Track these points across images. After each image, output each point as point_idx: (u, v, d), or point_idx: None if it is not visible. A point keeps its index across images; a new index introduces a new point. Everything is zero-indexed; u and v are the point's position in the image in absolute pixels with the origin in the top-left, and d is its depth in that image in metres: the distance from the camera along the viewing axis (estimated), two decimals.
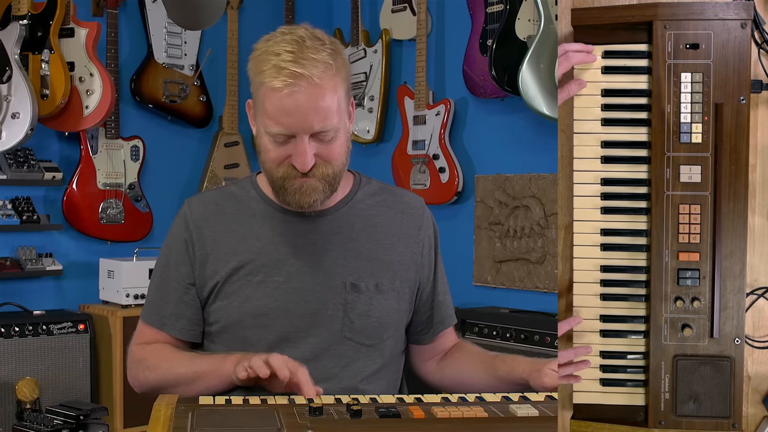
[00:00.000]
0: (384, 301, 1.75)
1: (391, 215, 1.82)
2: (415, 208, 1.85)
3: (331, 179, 1.68)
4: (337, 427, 1.32)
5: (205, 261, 1.74)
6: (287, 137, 1.63)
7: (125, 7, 3.89)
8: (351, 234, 1.77)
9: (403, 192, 1.88)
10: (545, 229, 3.53)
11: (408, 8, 4.02)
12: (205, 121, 4.12)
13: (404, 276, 1.79)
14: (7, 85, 3.29)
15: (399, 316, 1.79)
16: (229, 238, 1.75)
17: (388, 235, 1.79)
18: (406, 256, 1.80)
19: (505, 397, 1.51)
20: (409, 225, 1.82)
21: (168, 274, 1.79)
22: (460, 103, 3.85)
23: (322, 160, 1.65)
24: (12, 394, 3.27)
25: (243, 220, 1.76)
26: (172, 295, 1.77)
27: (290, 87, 1.58)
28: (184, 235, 1.77)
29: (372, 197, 1.82)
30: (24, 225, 3.55)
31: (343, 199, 1.79)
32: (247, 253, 1.73)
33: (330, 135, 1.64)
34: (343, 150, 1.68)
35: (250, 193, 1.79)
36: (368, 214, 1.80)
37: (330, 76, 1.61)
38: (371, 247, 1.77)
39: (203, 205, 1.79)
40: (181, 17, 3.43)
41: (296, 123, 1.60)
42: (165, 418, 1.33)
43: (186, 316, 1.77)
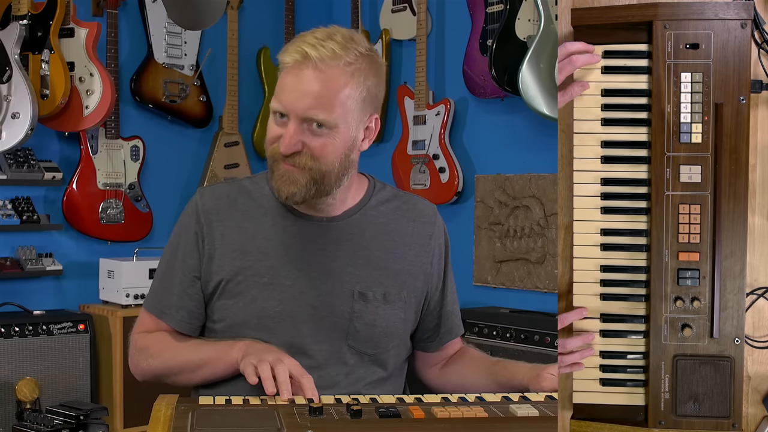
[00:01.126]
0: (391, 312, 1.74)
1: (403, 223, 1.79)
2: (428, 216, 1.82)
3: (317, 177, 1.63)
4: (337, 427, 1.32)
5: (213, 255, 1.72)
6: (283, 117, 1.62)
7: (125, 7, 3.89)
8: (361, 241, 1.74)
9: (416, 199, 1.85)
10: (545, 229, 3.53)
11: (408, 8, 4.02)
12: (205, 121, 4.12)
13: (412, 285, 1.78)
14: (7, 85, 3.29)
15: (405, 326, 1.78)
16: (239, 235, 1.72)
17: (399, 243, 1.77)
18: (415, 265, 1.78)
19: (505, 397, 1.51)
20: (421, 234, 1.80)
21: (174, 265, 1.76)
22: (460, 103, 3.85)
23: (309, 151, 1.61)
24: (12, 394, 3.27)
25: (254, 218, 1.74)
26: (176, 286, 1.75)
27: (296, 64, 1.59)
28: (195, 227, 1.74)
29: (385, 204, 1.80)
30: (24, 225, 3.55)
31: (355, 205, 1.76)
32: (256, 253, 1.71)
33: (323, 129, 1.60)
34: (337, 153, 1.63)
35: (264, 189, 1.76)
36: (380, 222, 1.77)
37: (343, 71, 1.60)
38: (381, 255, 1.75)
39: (215, 198, 1.76)
40: (181, 17, 3.43)
41: (289, 102, 1.60)
42: (165, 418, 1.33)
43: (187, 308, 1.74)
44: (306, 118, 1.59)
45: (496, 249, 3.71)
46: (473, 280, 3.79)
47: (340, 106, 1.60)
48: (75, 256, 3.81)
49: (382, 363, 1.75)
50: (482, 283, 3.77)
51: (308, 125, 1.60)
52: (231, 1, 4.02)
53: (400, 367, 1.83)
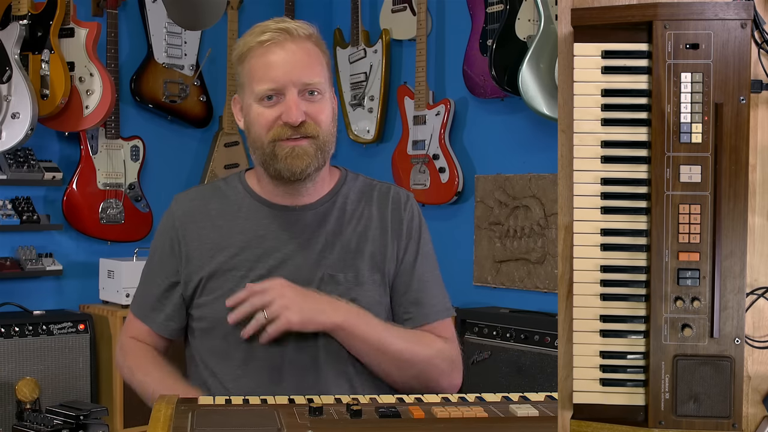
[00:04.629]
0: (365, 293, 1.75)
1: (375, 209, 1.81)
2: (401, 202, 1.84)
3: (321, 144, 1.69)
4: (337, 427, 1.32)
5: (191, 257, 1.76)
6: (276, 94, 1.66)
7: (125, 7, 3.89)
8: (335, 228, 1.77)
9: (389, 186, 1.87)
10: (545, 229, 3.53)
11: (408, 8, 4.02)
12: (205, 121, 4.12)
13: (386, 269, 1.78)
14: (7, 85, 3.29)
15: (380, 309, 1.77)
16: (214, 234, 1.76)
17: (371, 227, 1.79)
18: (389, 249, 1.79)
19: (505, 397, 1.51)
20: (394, 219, 1.81)
21: (153, 269, 1.83)
22: (460, 103, 3.85)
23: (311, 119, 1.68)
24: (12, 394, 3.27)
25: (228, 215, 1.78)
26: (155, 291, 1.81)
27: (275, 39, 1.67)
28: (170, 233, 1.79)
29: (357, 192, 1.82)
30: (24, 225, 3.56)
31: (328, 193, 1.79)
32: (231, 248, 1.74)
33: (317, 95, 1.68)
34: (330, 118, 1.72)
35: (237, 188, 1.81)
36: (351, 209, 1.80)
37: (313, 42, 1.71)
38: (353, 239, 1.77)
39: (189, 200, 1.82)
40: (181, 17, 3.43)
41: (284, 75, 1.66)
42: (165, 418, 1.33)
43: (165, 311, 1.80)
44: (303, 85, 1.67)
45: (496, 249, 3.71)
46: (473, 280, 3.79)
47: (322, 72, 1.70)
48: (75, 256, 3.81)
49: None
50: (482, 283, 3.77)
51: (303, 94, 1.67)
52: (231, 1, 4.02)
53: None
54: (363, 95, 4.19)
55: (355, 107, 4.23)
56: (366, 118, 4.20)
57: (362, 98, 4.19)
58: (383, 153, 4.18)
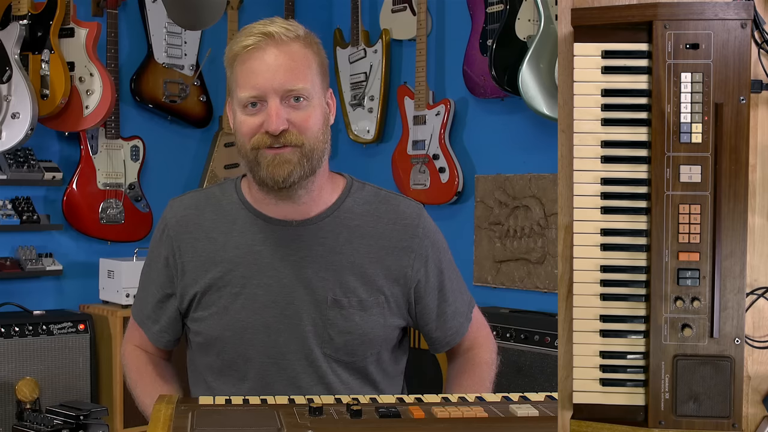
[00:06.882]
0: (368, 318, 1.69)
1: (381, 226, 1.72)
2: (410, 218, 1.74)
3: (307, 152, 1.62)
4: (337, 427, 1.32)
5: (185, 270, 1.72)
6: (259, 101, 1.61)
7: (125, 7, 3.89)
8: (335, 246, 1.69)
9: (399, 200, 1.77)
10: (545, 229, 3.53)
11: (408, 8, 4.02)
12: (205, 121, 4.12)
13: (391, 290, 1.71)
14: (7, 85, 3.29)
15: (386, 332, 1.72)
16: (209, 246, 1.71)
17: (375, 247, 1.70)
18: (393, 269, 1.71)
19: (505, 397, 1.51)
20: (401, 236, 1.72)
21: (150, 276, 1.80)
22: (460, 103, 3.85)
23: (294, 127, 1.61)
24: (12, 394, 3.27)
25: (223, 227, 1.71)
26: (150, 298, 1.78)
27: (257, 44, 1.61)
28: (164, 243, 1.75)
29: (362, 206, 1.73)
30: (24, 225, 3.56)
31: (329, 207, 1.71)
32: (225, 263, 1.69)
33: (302, 101, 1.61)
34: (318, 124, 1.64)
35: (232, 197, 1.74)
36: (354, 225, 1.71)
37: (300, 44, 1.63)
38: (356, 260, 1.69)
39: (183, 208, 1.76)
40: (181, 17, 3.42)
41: (265, 81, 1.60)
42: (165, 418, 1.33)
43: (159, 323, 1.77)
44: (285, 92, 1.60)
45: (496, 249, 3.71)
46: (473, 280, 3.79)
47: (310, 76, 1.63)
48: (75, 256, 3.81)
49: (361, 371, 1.73)
50: (482, 283, 3.76)
51: (287, 101, 1.61)
52: (231, 1, 4.02)
53: (386, 373, 1.78)
54: (363, 95, 4.19)
55: (355, 107, 4.23)
56: (366, 118, 4.20)
57: (362, 98, 4.19)
58: (383, 153, 4.18)
